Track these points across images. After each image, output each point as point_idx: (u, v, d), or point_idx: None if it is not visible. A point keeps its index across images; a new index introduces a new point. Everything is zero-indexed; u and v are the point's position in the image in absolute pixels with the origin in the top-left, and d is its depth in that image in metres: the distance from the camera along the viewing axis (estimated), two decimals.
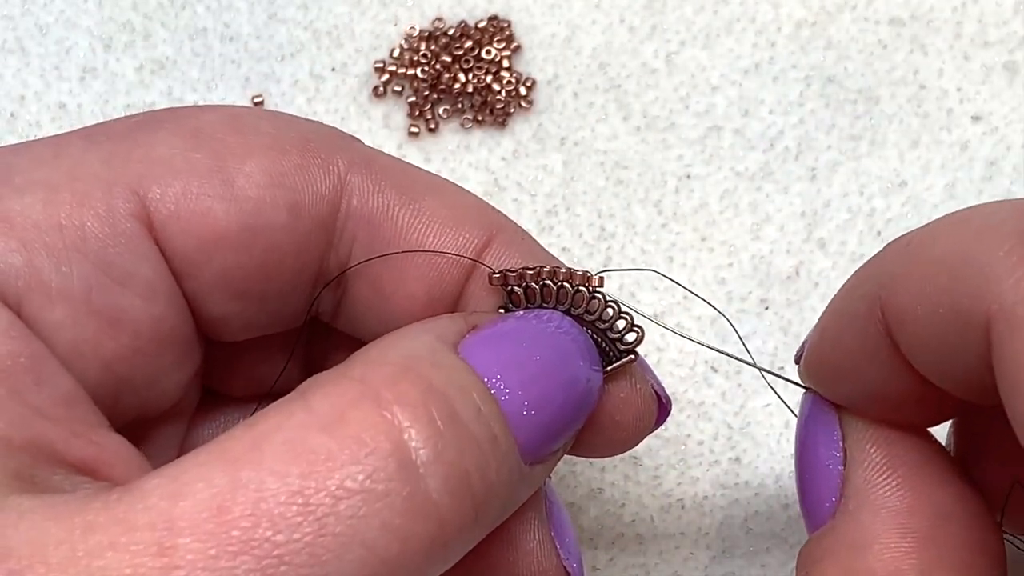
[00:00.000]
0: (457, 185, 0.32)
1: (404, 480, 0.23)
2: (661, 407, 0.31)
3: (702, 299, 0.41)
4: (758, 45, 0.45)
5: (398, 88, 0.44)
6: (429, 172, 0.32)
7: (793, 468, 0.40)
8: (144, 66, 0.45)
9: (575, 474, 0.40)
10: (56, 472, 0.24)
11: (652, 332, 0.41)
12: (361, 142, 0.32)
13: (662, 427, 0.39)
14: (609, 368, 0.30)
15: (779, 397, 0.34)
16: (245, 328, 0.31)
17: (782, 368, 0.41)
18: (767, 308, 0.42)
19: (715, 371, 0.41)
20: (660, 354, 0.41)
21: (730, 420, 0.41)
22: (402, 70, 0.44)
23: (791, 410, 0.37)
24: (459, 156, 0.44)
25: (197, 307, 0.29)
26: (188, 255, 0.28)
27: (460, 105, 0.44)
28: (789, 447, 0.40)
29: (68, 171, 0.27)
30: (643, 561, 0.39)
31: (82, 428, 0.25)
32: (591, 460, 0.40)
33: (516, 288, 0.29)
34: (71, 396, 0.26)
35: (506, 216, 0.31)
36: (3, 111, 0.44)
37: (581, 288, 0.29)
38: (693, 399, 0.41)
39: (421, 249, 0.30)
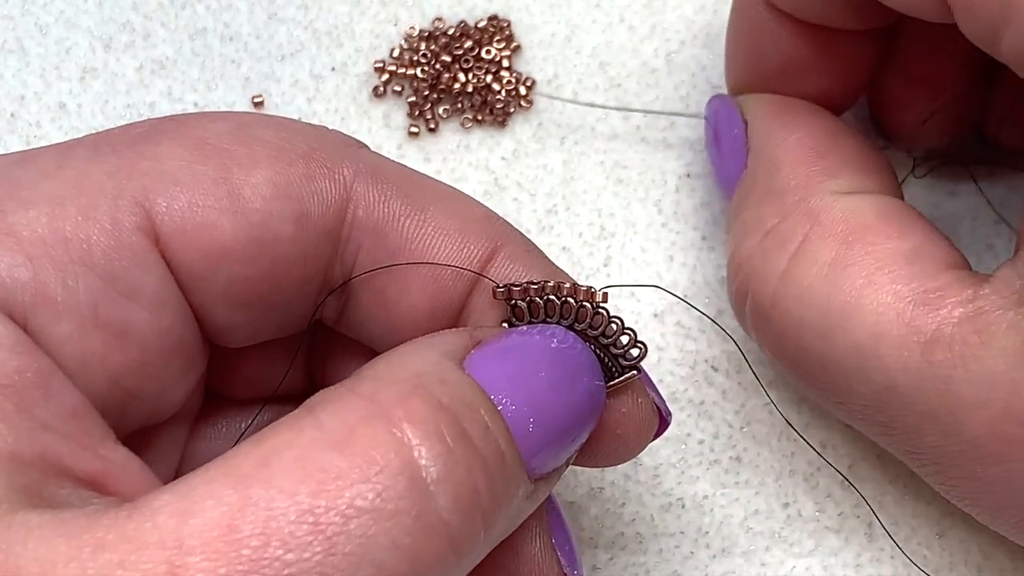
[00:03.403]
0: (464, 194, 0.31)
1: (414, 499, 0.23)
2: (661, 420, 0.31)
3: (699, 311, 0.41)
4: None
5: (398, 88, 0.44)
6: (436, 180, 0.32)
7: (787, 471, 0.40)
8: (144, 66, 0.45)
9: (575, 474, 0.40)
10: (64, 487, 0.24)
11: (652, 332, 0.42)
12: (367, 148, 0.32)
13: None
14: (612, 384, 0.30)
15: (773, 402, 0.35)
16: (250, 335, 0.31)
17: None
18: None
19: (715, 370, 0.41)
20: (660, 353, 0.41)
21: (730, 419, 0.41)
22: (402, 70, 0.44)
23: (786, 418, 0.37)
24: (459, 156, 0.44)
25: (203, 317, 0.29)
26: (194, 268, 0.28)
27: (460, 105, 0.44)
28: (790, 445, 0.40)
29: (73, 184, 0.27)
30: (643, 560, 0.39)
31: (90, 442, 0.25)
32: None
33: (520, 302, 0.29)
34: (78, 410, 0.26)
35: (513, 227, 0.31)
36: (3, 111, 0.44)
37: (585, 304, 0.29)
38: (693, 398, 0.41)
39: (425, 261, 0.30)
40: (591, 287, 0.29)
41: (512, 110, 0.44)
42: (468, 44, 0.45)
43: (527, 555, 0.30)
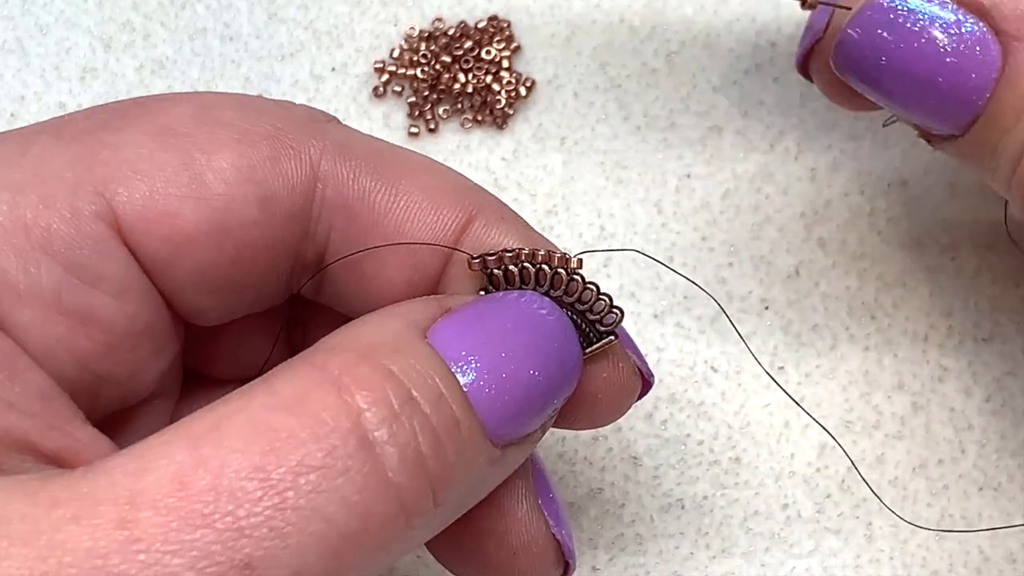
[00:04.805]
0: (438, 164, 0.31)
1: (363, 459, 0.24)
2: (644, 382, 0.31)
3: (690, 280, 0.41)
4: (758, 45, 0.45)
5: (398, 88, 0.44)
6: (408, 151, 0.31)
7: (786, 472, 0.40)
8: (144, 66, 0.45)
9: (575, 474, 0.40)
10: (26, 460, 0.24)
11: (652, 332, 0.42)
12: (336, 121, 0.31)
13: (662, 427, 0.39)
14: (589, 350, 0.30)
15: (771, 403, 0.34)
16: (224, 315, 0.31)
17: (782, 368, 0.41)
18: (767, 308, 0.42)
19: (715, 371, 0.41)
20: (660, 354, 0.41)
21: (730, 420, 0.41)
22: (402, 70, 0.44)
23: (785, 418, 0.37)
24: (459, 156, 0.44)
25: (172, 300, 0.29)
26: (159, 255, 0.28)
27: (460, 105, 0.44)
28: (789, 447, 0.40)
29: (34, 172, 0.28)
30: (643, 561, 0.39)
31: (57, 421, 0.26)
32: (591, 460, 0.40)
33: (496, 271, 0.29)
34: (46, 392, 0.26)
35: (488, 193, 0.31)
36: (3, 111, 0.44)
37: (559, 270, 0.29)
38: (693, 399, 0.41)
39: (397, 242, 0.29)
40: (566, 253, 0.29)
41: (512, 111, 0.44)
42: (468, 44, 0.45)
43: (514, 517, 0.30)
